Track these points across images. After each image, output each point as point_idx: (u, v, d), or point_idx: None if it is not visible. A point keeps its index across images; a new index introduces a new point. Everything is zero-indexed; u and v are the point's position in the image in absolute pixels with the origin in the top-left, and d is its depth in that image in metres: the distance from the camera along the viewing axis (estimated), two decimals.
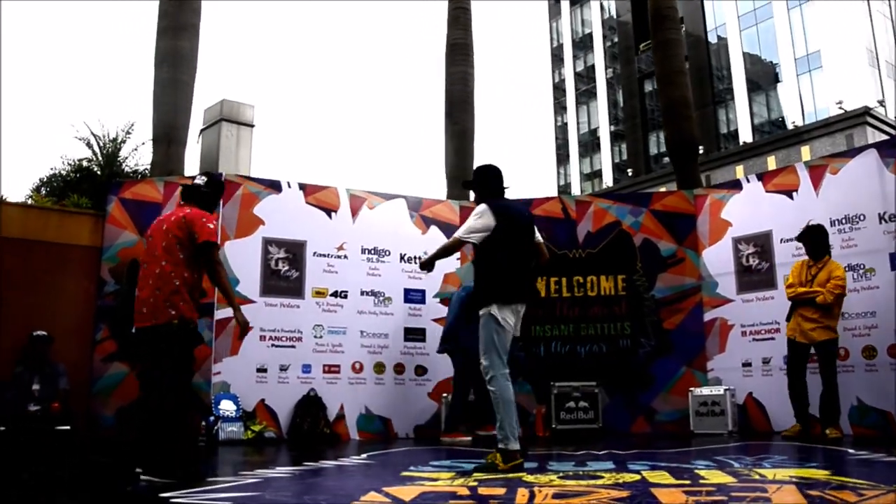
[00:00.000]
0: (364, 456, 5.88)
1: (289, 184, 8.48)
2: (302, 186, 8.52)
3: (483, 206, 4.95)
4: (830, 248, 7.18)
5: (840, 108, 29.81)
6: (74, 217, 8.20)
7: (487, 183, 5.19)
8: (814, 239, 7.10)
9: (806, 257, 7.16)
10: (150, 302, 4.45)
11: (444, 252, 5.22)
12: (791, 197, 8.13)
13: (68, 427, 6.91)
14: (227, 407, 7.51)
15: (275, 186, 8.41)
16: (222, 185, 5.18)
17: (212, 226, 4.61)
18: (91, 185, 10.18)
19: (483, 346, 4.76)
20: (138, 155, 12.31)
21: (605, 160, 44.77)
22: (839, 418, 6.88)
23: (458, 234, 5.03)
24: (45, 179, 11.57)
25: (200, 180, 4.89)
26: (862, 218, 7.48)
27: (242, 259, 8.03)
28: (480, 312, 4.81)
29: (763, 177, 8.58)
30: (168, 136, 9.82)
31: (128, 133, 12.46)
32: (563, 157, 48.57)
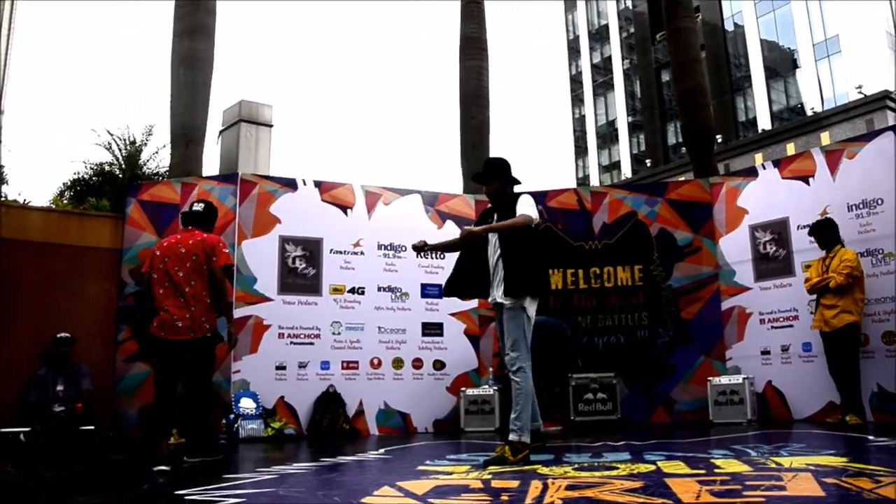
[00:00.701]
0: (382, 451, 5.92)
1: (304, 182, 8.54)
2: (317, 184, 8.58)
3: (530, 197, 4.92)
4: (841, 239, 7.21)
5: (860, 92, 29.46)
6: (94, 220, 8.32)
7: (509, 174, 5.10)
8: (822, 232, 7.23)
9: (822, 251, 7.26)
10: (186, 318, 5.14)
11: (505, 229, 4.82)
12: (807, 183, 8.06)
13: (92, 427, 7.02)
14: (247, 405, 7.60)
15: (290, 185, 8.48)
16: (214, 209, 5.80)
17: (227, 250, 5.40)
18: (113, 188, 10.33)
19: (513, 338, 4.76)
20: (159, 157, 12.46)
21: (624, 151, 44.56)
22: (861, 404, 6.87)
23: (533, 214, 4.80)
24: (68, 184, 11.74)
25: (199, 206, 5.61)
26: (880, 202, 7.41)
27: (260, 257, 8.11)
28: (508, 304, 4.77)
29: (779, 163, 8.52)
30: (186, 137, 9.92)
31: (148, 135, 12.61)
32: (581, 149, 48.43)
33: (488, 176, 5.10)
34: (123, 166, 10.28)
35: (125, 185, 8.91)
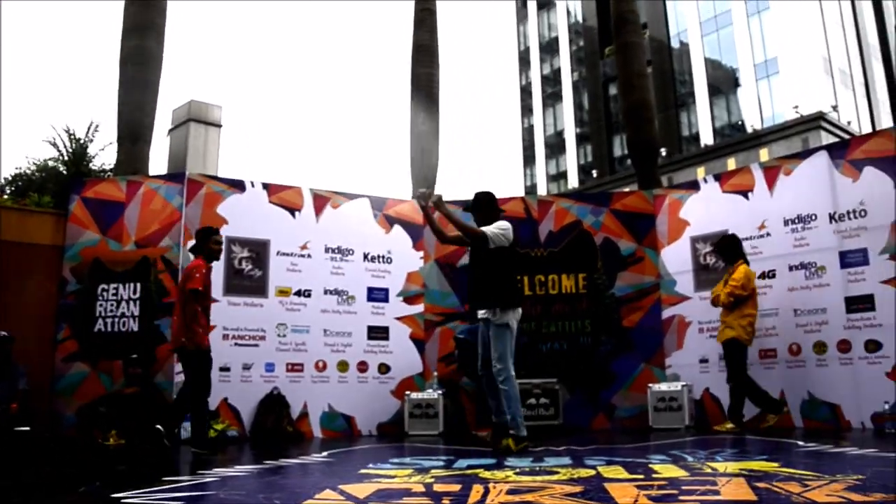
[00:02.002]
0: (325, 454, 5.87)
1: (252, 183, 8.48)
2: (266, 186, 8.52)
3: (508, 224, 5.85)
4: (744, 253, 7.50)
5: (797, 112, 30.45)
6: (35, 216, 8.14)
7: (495, 207, 6.02)
8: (722, 249, 7.61)
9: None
10: (175, 331, 6.24)
11: (458, 225, 5.80)
12: (747, 197, 8.31)
13: (28, 428, 6.84)
14: None
15: (238, 186, 8.41)
16: (204, 230, 6.49)
17: (198, 275, 6.11)
18: (56, 184, 10.08)
19: (498, 352, 5.66)
20: (105, 154, 12.21)
21: (571, 161, 45.11)
22: (740, 414, 7.24)
23: (487, 230, 5.72)
24: (9, 179, 11.41)
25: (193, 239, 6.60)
26: (814, 218, 7.69)
27: None
28: (497, 321, 5.66)
29: (720, 177, 8.76)
30: (133, 135, 9.78)
31: (94, 132, 12.33)
32: (529, 159, 48.84)
33: (475, 207, 6.02)
34: (68, 162, 10.02)
35: (68, 182, 8.70)
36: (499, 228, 5.77)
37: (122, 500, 3.37)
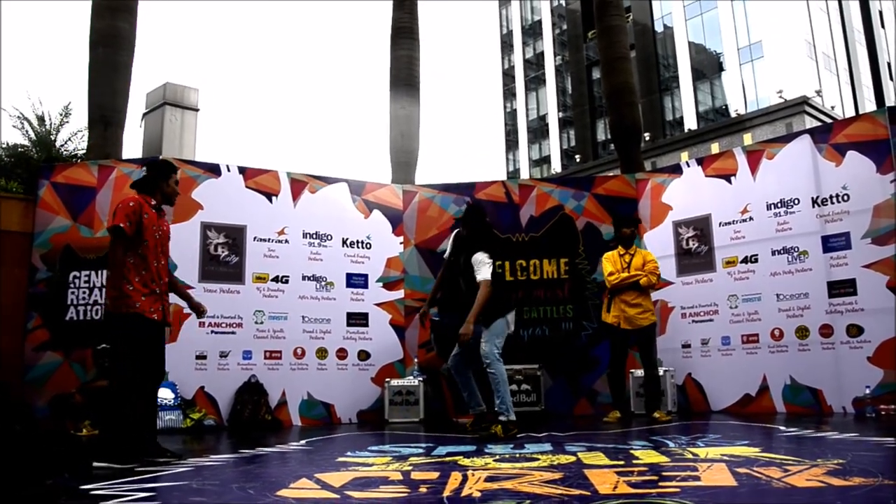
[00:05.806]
0: (303, 442, 5.82)
1: (228, 167, 8.32)
2: (242, 170, 8.36)
3: (487, 257, 5.93)
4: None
5: (780, 97, 30.54)
6: (2, 202, 7.94)
7: (483, 222, 6.23)
8: (634, 225, 7.65)
9: (616, 249, 7.59)
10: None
11: (485, 302, 5.84)
12: (729, 181, 8.26)
13: None
14: (164, 395, 7.34)
15: (213, 170, 8.25)
16: (159, 164, 5.01)
17: (121, 208, 4.56)
18: (26, 169, 9.86)
19: (484, 338, 5.85)
20: (77, 139, 11.97)
21: (554, 146, 45.14)
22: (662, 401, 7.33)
23: (487, 277, 5.86)
24: None
25: (142, 171, 5.06)
26: (796, 202, 7.65)
27: (180, 244, 7.79)
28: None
29: (703, 161, 8.69)
30: (105, 118, 9.56)
31: (66, 116, 12.10)
32: (512, 143, 48.89)
33: (468, 224, 6.22)
34: (39, 147, 9.78)
35: (37, 167, 8.50)
36: (488, 261, 5.95)
37: (91, 493, 3.29)
